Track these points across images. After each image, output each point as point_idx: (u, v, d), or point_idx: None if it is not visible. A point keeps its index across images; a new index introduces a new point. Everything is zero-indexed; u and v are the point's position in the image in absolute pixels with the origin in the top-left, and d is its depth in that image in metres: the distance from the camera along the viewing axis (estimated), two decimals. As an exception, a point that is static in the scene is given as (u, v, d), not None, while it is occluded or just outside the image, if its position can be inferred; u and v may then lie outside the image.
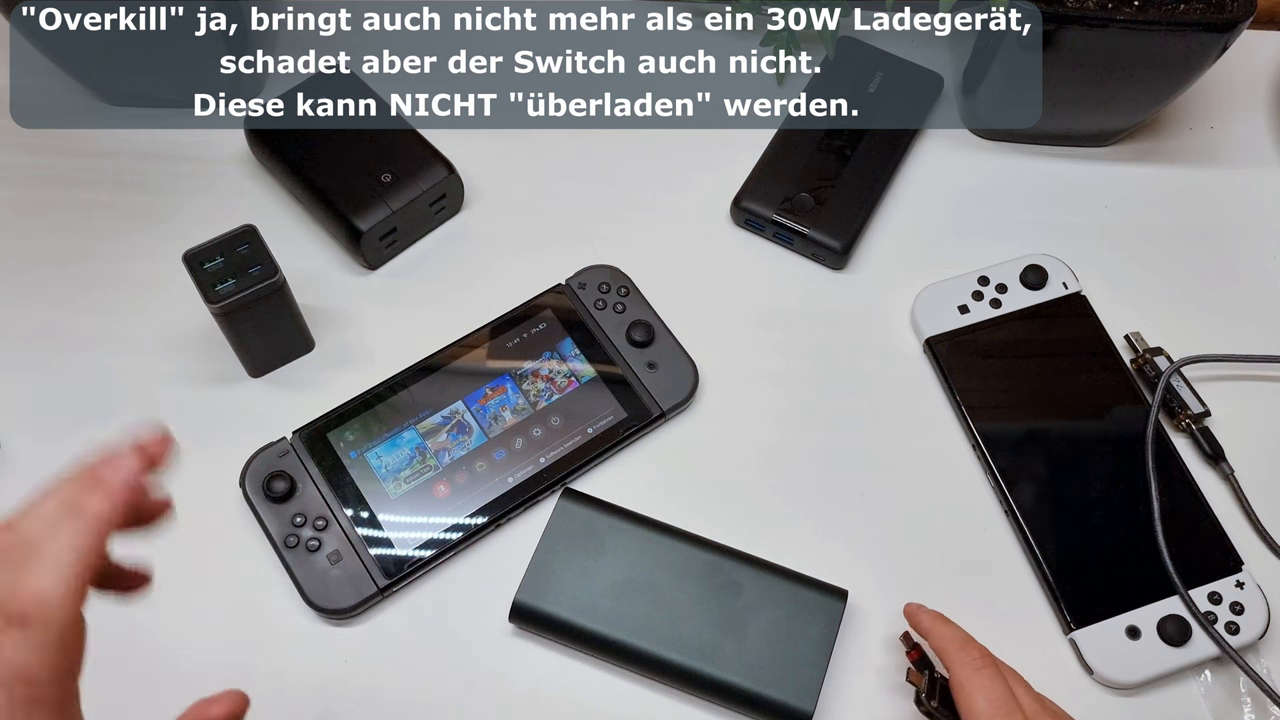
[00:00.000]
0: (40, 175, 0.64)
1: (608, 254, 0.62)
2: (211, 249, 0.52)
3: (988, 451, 0.57)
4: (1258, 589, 0.53)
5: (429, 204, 0.62)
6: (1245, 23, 0.57)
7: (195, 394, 0.55)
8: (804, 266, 0.64)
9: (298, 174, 0.61)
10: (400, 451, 0.55)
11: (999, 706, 0.44)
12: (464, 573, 0.54)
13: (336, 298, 0.61)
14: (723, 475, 0.57)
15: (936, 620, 0.49)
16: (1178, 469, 0.56)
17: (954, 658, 0.46)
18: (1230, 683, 0.52)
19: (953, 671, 0.46)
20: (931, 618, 0.49)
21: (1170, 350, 0.59)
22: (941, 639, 0.48)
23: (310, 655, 0.51)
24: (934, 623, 0.49)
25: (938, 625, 0.49)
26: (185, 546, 0.54)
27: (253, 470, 0.54)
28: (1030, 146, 0.68)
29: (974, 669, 0.45)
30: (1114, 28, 0.57)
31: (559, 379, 0.57)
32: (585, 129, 0.68)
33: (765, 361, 0.60)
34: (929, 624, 0.49)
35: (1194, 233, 0.66)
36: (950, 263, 0.63)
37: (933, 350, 0.60)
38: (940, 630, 0.48)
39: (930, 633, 0.49)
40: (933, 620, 0.49)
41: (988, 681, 0.45)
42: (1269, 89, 0.71)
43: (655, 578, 0.52)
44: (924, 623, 0.49)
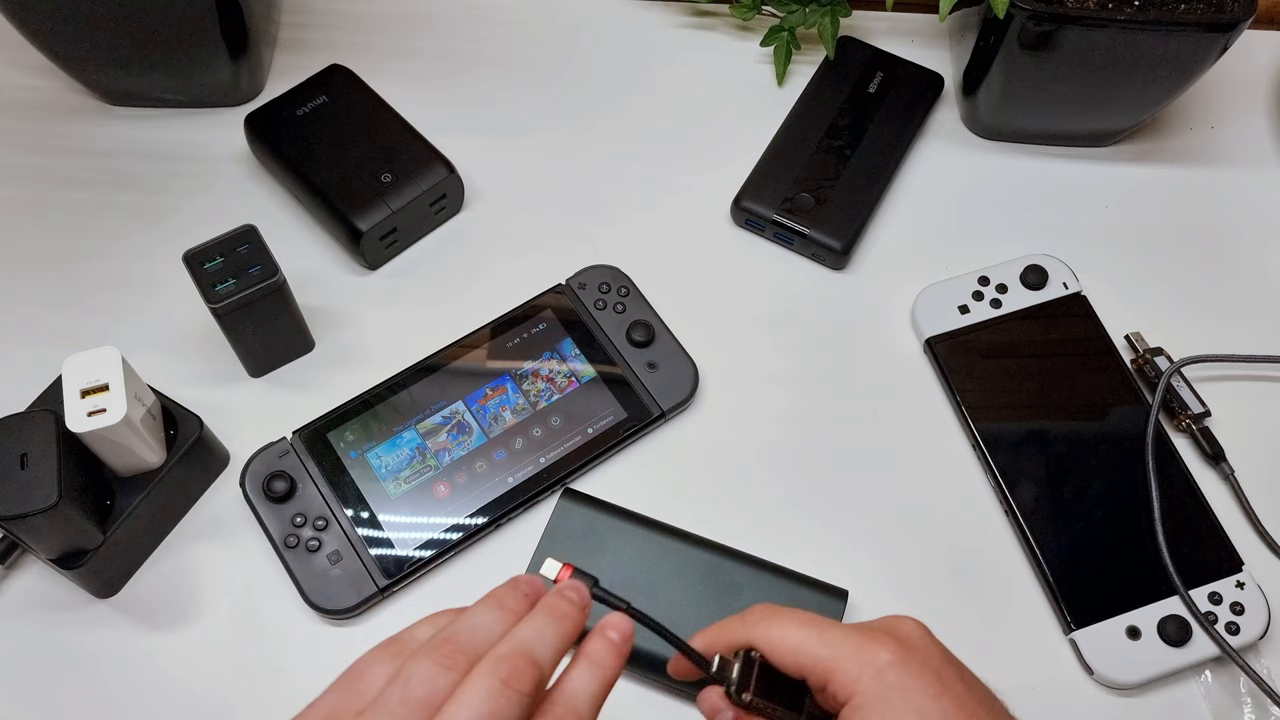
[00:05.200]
0: (40, 175, 0.64)
1: (608, 254, 0.62)
2: (211, 249, 0.52)
3: (988, 451, 0.57)
4: (1258, 589, 0.53)
5: (429, 204, 0.62)
6: (1245, 23, 0.57)
7: (195, 394, 0.55)
8: (804, 266, 0.64)
9: (297, 174, 0.61)
10: (400, 451, 0.55)
11: (814, 623, 0.37)
12: (464, 573, 0.54)
13: (336, 298, 0.61)
14: (722, 475, 0.57)
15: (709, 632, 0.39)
16: (1178, 469, 0.56)
17: (739, 629, 0.38)
18: (1230, 683, 0.52)
19: (753, 638, 0.37)
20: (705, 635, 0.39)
21: (1170, 350, 0.59)
22: (723, 630, 0.38)
23: (310, 655, 0.51)
24: (709, 633, 0.39)
25: (710, 632, 0.39)
26: (185, 546, 0.54)
27: (253, 470, 0.54)
28: (1030, 146, 0.68)
29: (764, 618, 0.38)
30: (1114, 28, 0.57)
31: (559, 379, 0.57)
32: (585, 129, 0.68)
33: (765, 361, 0.60)
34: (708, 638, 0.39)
35: (1194, 233, 0.66)
36: (950, 263, 0.63)
37: (933, 350, 0.60)
38: (716, 630, 0.39)
39: (716, 641, 0.38)
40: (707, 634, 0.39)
41: (784, 616, 0.37)
42: (1269, 89, 0.71)
43: (655, 578, 0.52)
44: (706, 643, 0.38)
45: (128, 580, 0.53)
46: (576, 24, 0.72)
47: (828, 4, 0.68)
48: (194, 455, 0.53)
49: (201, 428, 0.53)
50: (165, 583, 0.53)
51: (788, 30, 0.69)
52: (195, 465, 0.54)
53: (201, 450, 0.53)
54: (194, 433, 0.53)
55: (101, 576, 0.51)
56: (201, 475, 0.55)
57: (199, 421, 0.53)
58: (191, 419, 0.53)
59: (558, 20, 0.72)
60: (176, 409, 0.53)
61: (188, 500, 0.55)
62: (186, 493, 0.54)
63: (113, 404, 0.47)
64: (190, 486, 0.54)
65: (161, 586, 0.53)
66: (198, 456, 0.53)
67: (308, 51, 0.68)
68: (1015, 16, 0.58)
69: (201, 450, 0.53)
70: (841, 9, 0.68)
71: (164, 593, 0.53)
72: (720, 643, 0.39)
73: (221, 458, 0.56)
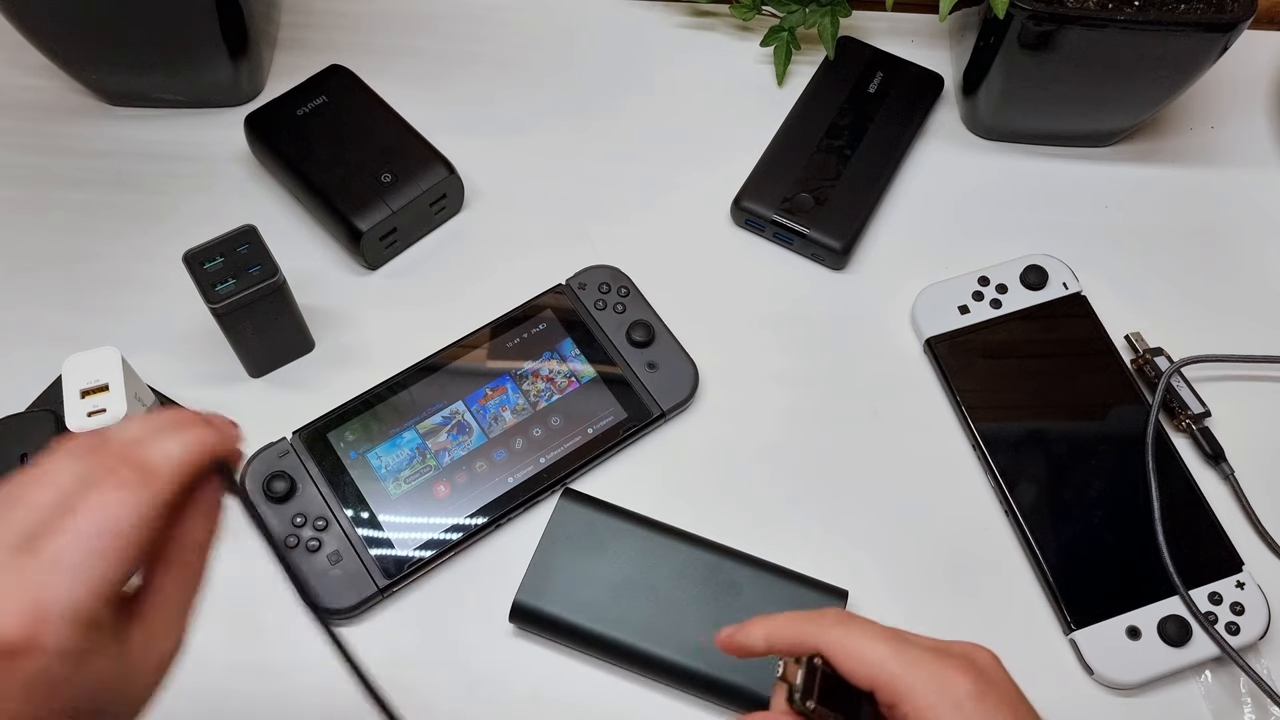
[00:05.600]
0: (40, 175, 0.64)
1: (608, 254, 0.62)
2: (211, 249, 0.52)
3: (988, 452, 0.57)
4: (1258, 589, 0.53)
5: (429, 204, 0.62)
6: (1245, 23, 0.57)
7: (195, 394, 0.55)
8: (804, 266, 0.64)
9: (297, 174, 0.61)
10: (400, 452, 0.55)
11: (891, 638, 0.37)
12: (464, 573, 0.54)
13: (336, 298, 0.61)
14: (723, 475, 0.57)
15: (772, 623, 0.39)
16: (1178, 469, 0.56)
17: (810, 631, 0.38)
18: (1231, 683, 0.52)
19: (824, 645, 0.37)
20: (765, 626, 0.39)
21: (1170, 350, 0.59)
22: (790, 626, 0.38)
23: (310, 655, 0.51)
24: (771, 625, 0.39)
25: (774, 624, 0.39)
26: (185, 546, 0.54)
27: (253, 470, 0.54)
28: (1030, 146, 0.68)
29: (838, 623, 0.38)
30: (1114, 28, 0.57)
31: (559, 379, 0.57)
32: (585, 129, 0.68)
33: (765, 361, 0.60)
34: (770, 631, 0.39)
35: (1194, 233, 0.66)
36: (950, 263, 0.63)
37: (933, 350, 0.60)
38: (782, 624, 0.39)
39: (779, 636, 0.39)
40: (767, 625, 0.39)
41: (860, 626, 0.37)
42: (1269, 89, 0.71)
43: (655, 578, 0.52)
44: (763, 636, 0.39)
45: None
46: (577, 24, 0.72)
47: (828, 4, 0.68)
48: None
49: (201, 428, 0.53)
50: (165, 583, 0.53)
51: (788, 30, 0.69)
52: (195, 465, 0.54)
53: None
54: None
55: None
56: (201, 475, 0.55)
57: (199, 421, 0.53)
58: (191, 419, 0.53)
59: (558, 20, 0.72)
60: None
61: (188, 500, 0.54)
62: (186, 493, 0.54)
63: (113, 404, 0.47)
64: (190, 486, 0.54)
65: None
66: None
67: (308, 51, 0.68)
68: (1015, 16, 0.58)
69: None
70: (841, 9, 0.68)
71: (164, 593, 0.53)
72: (785, 636, 0.38)
73: None
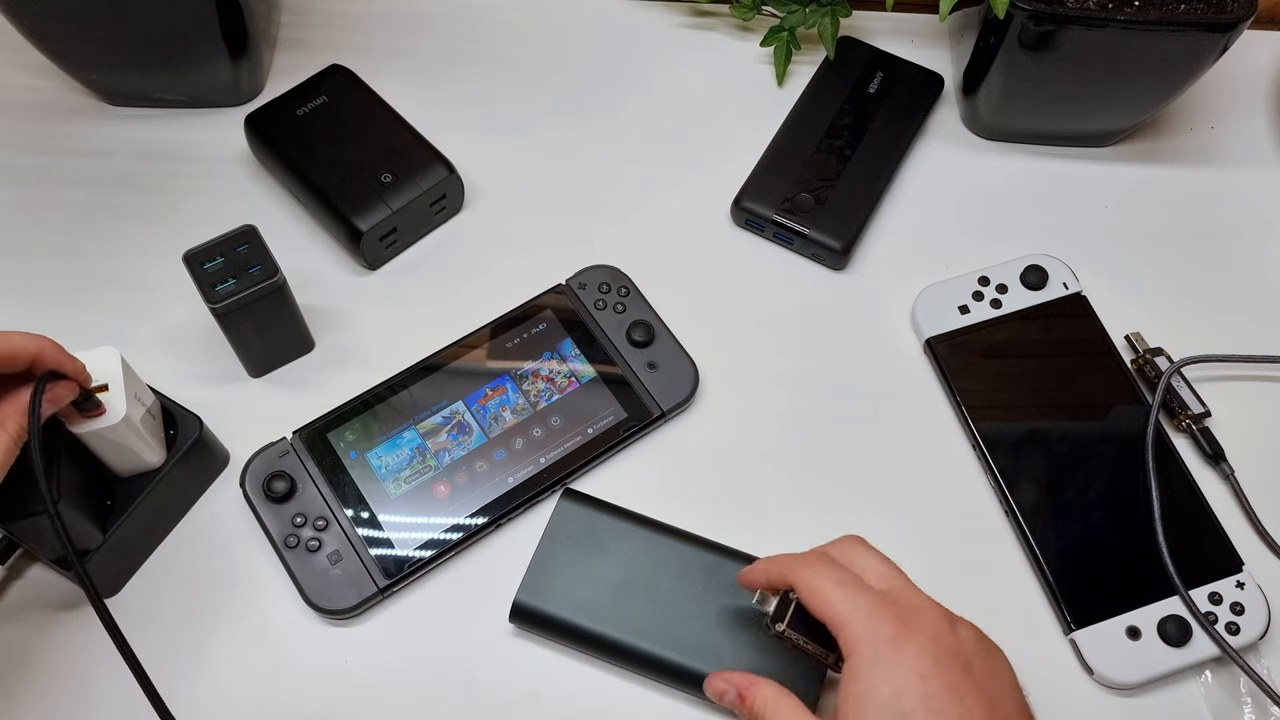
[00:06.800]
0: (40, 175, 0.64)
1: (608, 254, 0.62)
2: (211, 249, 0.52)
3: (988, 452, 0.57)
4: (1258, 589, 0.53)
5: (429, 204, 0.62)
6: (1245, 23, 0.57)
7: (195, 394, 0.55)
8: (804, 266, 0.64)
9: (297, 174, 0.61)
10: (400, 452, 0.55)
11: (845, 585, 0.42)
12: (464, 573, 0.54)
13: (336, 298, 0.61)
14: (723, 475, 0.57)
15: (767, 562, 0.46)
16: (1178, 469, 0.56)
17: (790, 567, 0.44)
18: (1231, 683, 0.52)
19: (795, 582, 0.43)
20: (763, 564, 0.46)
21: (1171, 350, 0.59)
22: (775, 565, 0.45)
23: (310, 655, 0.51)
24: (766, 564, 0.46)
25: (768, 562, 0.46)
26: (185, 547, 0.54)
27: (253, 470, 0.54)
28: (1030, 146, 0.68)
29: (809, 564, 0.43)
30: (1114, 28, 0.57)
31: (559, 379, 0.57)
32: (585, 129, 0.68)
33: (765, 362, 0.60)
34: (763, 568, 0.46)
35: (1194, 233, 0.66)
36: (950, 263, 0.63)
37: (933, 350, 0.60)
38: (771, 562, 0.46)
39: (769, 572, 0.46)
40: (765, 563, 0.46)
41: (823, 569, 0.43)
42: (1269, 89, 0.71)
43: (655, 578, 0.52)
44: (760, 572, 0.46)
45: (128, 580, 0.53)
46: (577, 24, 0.72)
47: (828, 4, 0.68)
48: (194, 455, 0.53)
49: (201, 428, 0.53)
50: (165, 583, 0.53)
51: (788, 30, 0.69)
52: (195, 465, 0.54)
53: (201, 450, 0.53)
54: (194, 433, 0.52)
55: (101, 577, 0.51)
56: (201, 475, 0.55)
57: (199, 421, 0.53)
58: (191, 419, 0.53)
59: (558, 20, 0.72)
60: (176, 409, 0.53)
61: (188, 500, 0.55)
62: (186, 493, 0.54)
63: (112, 404, 0.47)
64: (190, 486, 0.54)
65: (161, 587, 0.53)
66: (198, 456, 0.53)
67: (308, 51, 0.68)
68: (1015, 16, 0.58)
69: (201, 450, 0.53)
70: (841, 9, 0.68)
71: (164, 593, 0.53)
72: (772, 573, 0.45)
73: (221, 458, 0.56)
